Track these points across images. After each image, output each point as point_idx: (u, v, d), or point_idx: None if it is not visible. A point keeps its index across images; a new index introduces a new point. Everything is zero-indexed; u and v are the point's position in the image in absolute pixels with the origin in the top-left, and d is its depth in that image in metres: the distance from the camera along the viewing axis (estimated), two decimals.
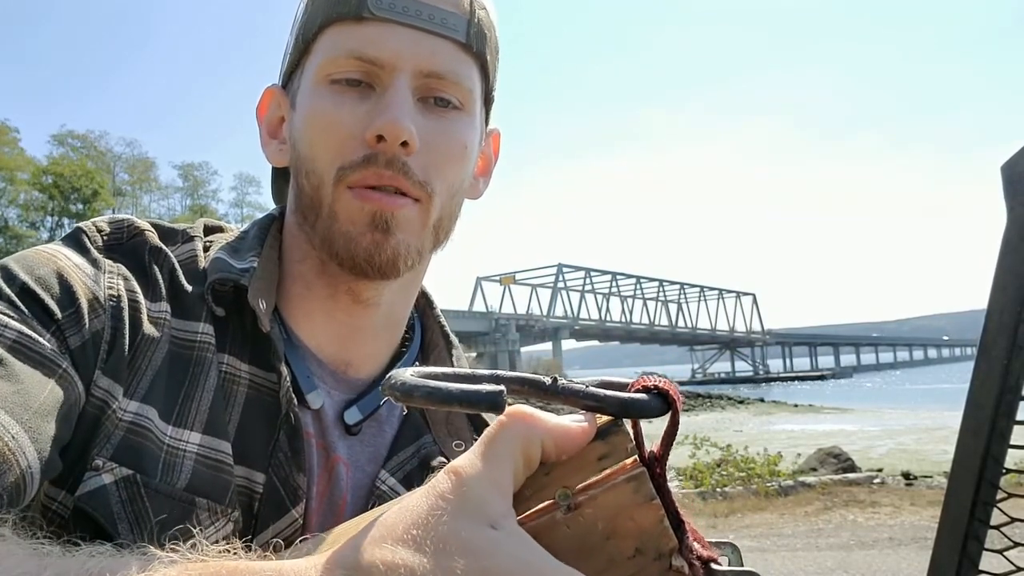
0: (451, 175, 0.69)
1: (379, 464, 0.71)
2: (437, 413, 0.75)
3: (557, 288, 67.76)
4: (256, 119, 0.76)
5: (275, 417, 0.65)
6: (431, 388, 0.38)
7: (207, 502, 0.60)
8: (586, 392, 0.40)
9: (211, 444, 0.62)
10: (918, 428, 18.94)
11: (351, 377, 0.73)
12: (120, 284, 0.63)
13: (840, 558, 5.89)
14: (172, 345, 0.64)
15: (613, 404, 0.40)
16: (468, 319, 56.38)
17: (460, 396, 0.38)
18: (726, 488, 8.58)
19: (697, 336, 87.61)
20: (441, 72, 0.66)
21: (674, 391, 0.41)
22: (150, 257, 0.66)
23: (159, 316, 0.64)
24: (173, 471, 0.59)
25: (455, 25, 0.66)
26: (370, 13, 0.64)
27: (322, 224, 0.67)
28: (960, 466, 0.55)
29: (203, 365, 0.64)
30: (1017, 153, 0.53)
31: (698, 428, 18.46)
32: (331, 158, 0.65)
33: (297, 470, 0.64)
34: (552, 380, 0.41)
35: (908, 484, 8.87)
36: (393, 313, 0.75)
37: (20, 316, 0.56)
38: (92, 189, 40.44)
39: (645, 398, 0.41)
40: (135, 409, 0.60)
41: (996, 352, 0.52)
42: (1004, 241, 0.53)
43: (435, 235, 0.71)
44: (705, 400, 40.02)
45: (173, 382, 0.62)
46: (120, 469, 0.57)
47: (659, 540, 0.39)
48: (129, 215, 0.71)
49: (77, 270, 0.61)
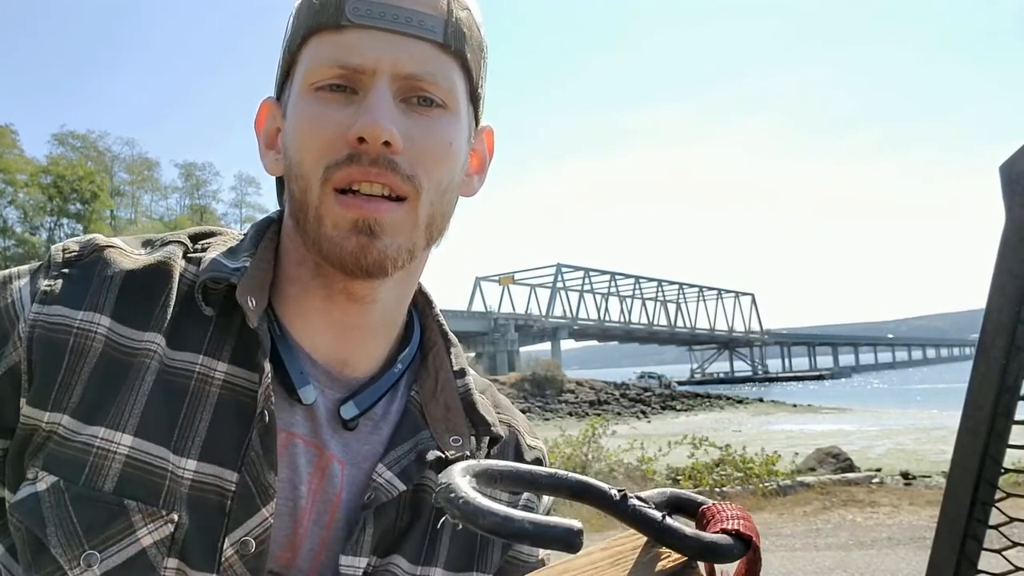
0: (438, 172, 0.70)
1: (375, 460, 0.72)
2: (436, 410, 0.76)
3: (556, 288, 67.79)
4: (255, 131, 0.78)
5: (250, 416, 0.66)
6: (501, 518, 0.35)
7: (137, 504, 0.61)
8: (661, 526, 0.37)
9: (143, 447, 0.63)
10: (917, 428, 18.97)
11: (347, 376, 0.74)
12: (48, 310, 0.66)
13: (839, 558, 5.89)
14: (110, 352, 0.65)
15: (693, 547, 0.37)
16: (467, 319, 56.36)
17: (533, 532, 0.35)
18: (724, 488, 8.58)
19: (696, 336, 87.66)
20: (419, 73, 0.67)
21: (756, 533, 0.38)
22: (99, 272, 0.69)
23: (89, 329, 0.66)
24: (99, 475, 0.61)
25: (432, 26, 0.68)
26: (348, 21, 0.66)
27: (310, 227, 0.69)
28: (959, 466, 0.55)
29: (141, 370, 0.65)
30: (1016, 153, 0.53)
31: (697, 428, 18.47)
32: (316, 159, 0.67)
33: (269, 468, 0.65)
34: (621, 496, 0.38)
35: (907, 484, 8.89)
36: (389, 311, 0.76)
37: None
38: (91, 191, 40.40)
39: (727, 543, 0.37)
40: (64, 422, 0.63)
41: (994, 352, 0.52)
42: (1002, 241, 0.53)
43: (428, 233, 0.72)
44: (704, 400, 40.08)
45: (107, 388, 0.64)
46: (49, 477, 0.61)
47: None
48: (97, 235, 0.74)
49: (13, 307, 0.67)
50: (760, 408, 32.51)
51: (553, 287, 67.72)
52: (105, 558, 0.60)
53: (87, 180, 40.55)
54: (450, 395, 0.78)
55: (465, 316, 56.95)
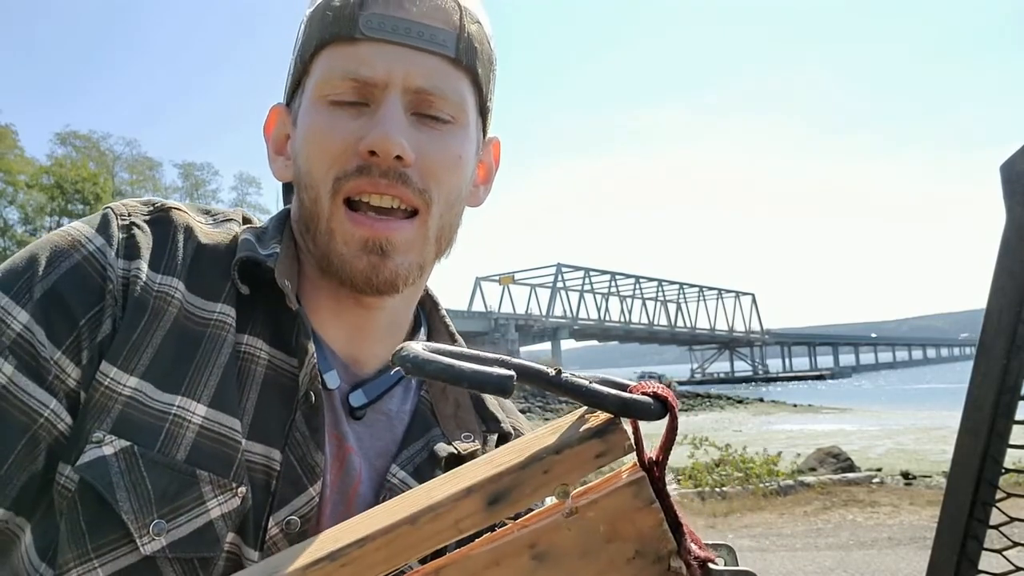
0: (448, 184, 0.71)
1: (390, 458, 0.72)
2: (446, 407, 0.77)
3: (556, 288, 67.75)
4: (263, 136, 0.79)
5: (293, 397, 0.67)
6: (444, 365, 0.39)
7: (209, 475, 0.61)
8: (588, 389, 0.41)
9: (217, 418, 0.63)
10: (917, 428, 18.96)
11: (358, 371, 0.75)
12: (129, 265, 0.65)
13: (839, 558, 5.89)
14: (183, 320, 0.65)
15: (614, 403, 0.41)
16: (467, 319, 56.37)
17: (471, 376, 0.39)
18: (725, 488, 8.57)
19: (696, 336, 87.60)
20: (430, 88, 0.68)
21: (672, 398, 0.41)
22: (172, 232, 0.69)
23: (166, 292, 0.65)
24: (174, 442, 0.61)
25: (444, 41, 0.68)
26: (362, 34, 0.67)
27: (320, 240, 0.70)
28: (959, 466, 0.55)
29: (216, 342, 0.65)
30: (1016, 153, 0.53)
31: (697, 428, 18.47)
32: (327, 169, 0.68)
33: (316, 448, 0.66)
34: (556, 372, 0.41)
35: (907, 484, 8.88)
36: (397, 314, 0.78)
37: (33, 334, 0.61)
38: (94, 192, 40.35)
39: (645, 399, 0.41)
40: (134, 384, 0.61)
41: (995, 352, 0.52)
42: (1003, 241, 0.53)
43: (437, 246, 0.73)
44: (704, 400, 40.05)
45: (181, 356, 0.64)
46: (119, 441, 0.59)
47: (658, 543, 0.40)
48: (157, 197, 0.74)
49: (93, 260, 0.64)
50: (760, 408, 32.51)
51: (553, 287, 67.69)
52: (172, 528, 0.59)
53: (90, 181, 40.53)
54: (460, 392, 0.79)
55: (465, 316, 56.96)
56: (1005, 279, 0.53)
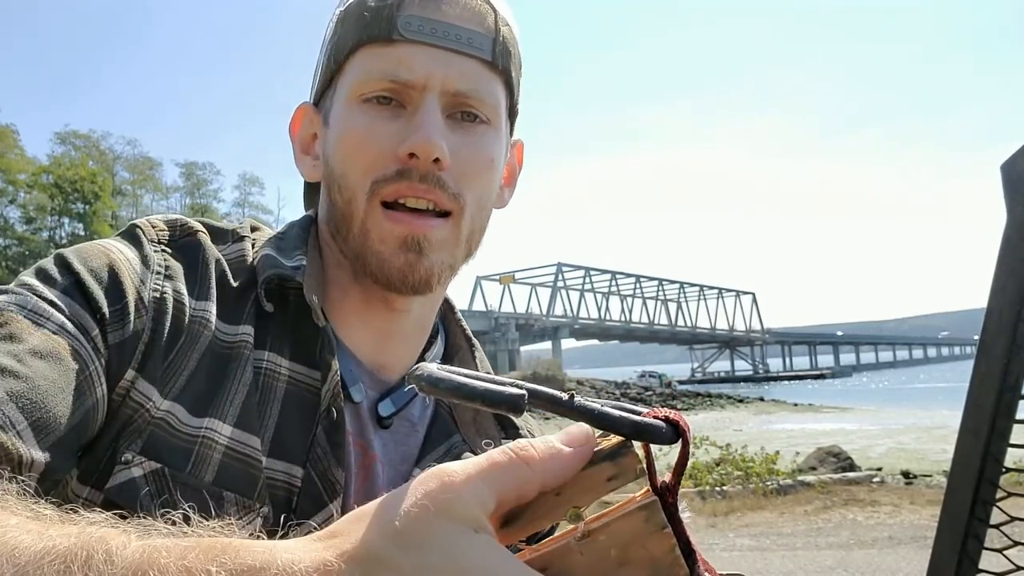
0: (480, 187, 0.71)
1: (412, 463, 0.73)
2: (465, 413, 0.77)
3: (556, 287, 67.76)
4: (289, 136, 0.78)
5: (314, 413, 0.67)
6: (457, 383, 0.40)
7: (235, 496, 0.61)
8: (600, 412, 0.41)
9: (241, 438, 0.63)
10: (917, 427, 18.95)
11: (384, 377, 0.76)
12: (167, 285, 0.65)
13: (840, 557, 5.89)
14: (214, 345, 0.65)
15: (626, 426, 0.41)
16: (468, 318, 54.85)
17: (484, 394, 0.40)
18: (725, 487, 8.58)
19: (697, 335, 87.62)
20: (468, 91, 0.68)
21: (684, 422, 0.42)
22: (201, 257, 0.69)
23: (202, 316, 0.66)
24: (203, 465, 0.61)
25: (481, 44, 0.69)
26: (400, 35, 0.67)
27: (354, 240, 0.70)
28: (960, 465, 0.55)
29: (239, 361, 0.66)
30: (1016, 153, 0.53)
31: (697, 427, 18.48)
32: (364, 172, 0.68)
33: (336, 464, 0.66)
34: (569, 396, 0.42)
35: (908, 483, 8.87)
36: (422, 318, 0.78)
37: (67, 308, 0.59)
38: (94, 191, 40.36)
39: (658, 424, 0.41)
40: (167, 407, 0.61)
41: (996, 352, 0.52)
42: (1004, 241, 0.53)
43: (467, 248, 0.74)
44: (704, 399, 40.04)
45: (211, 380, 0.64)
46: (149, 463, 0.59)
47: (670, 568, 0.40)
48: (180, 215, 0.73)
49: (128, 266, 0.64)
50: (761, 407, 32.53)
51: (554, 286, 67.70)
52: None
53: (89, 180, 40.55)
54: None
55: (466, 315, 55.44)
56: (1006, 278, 0.53)
